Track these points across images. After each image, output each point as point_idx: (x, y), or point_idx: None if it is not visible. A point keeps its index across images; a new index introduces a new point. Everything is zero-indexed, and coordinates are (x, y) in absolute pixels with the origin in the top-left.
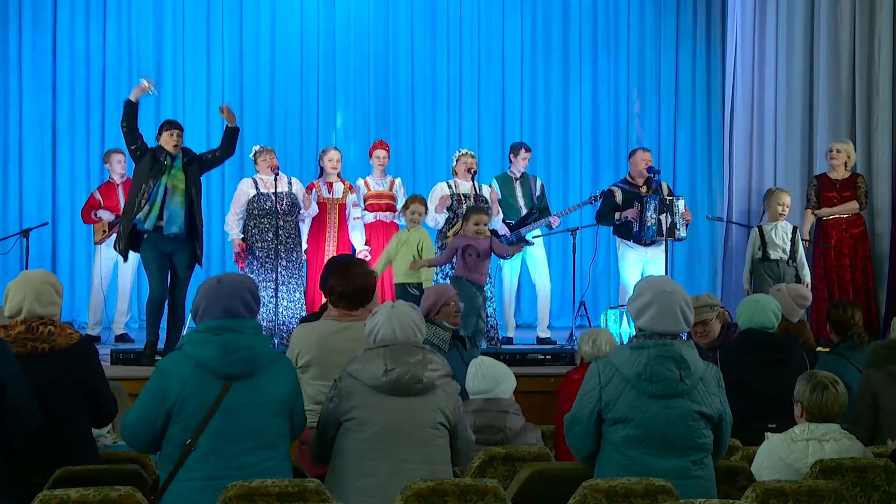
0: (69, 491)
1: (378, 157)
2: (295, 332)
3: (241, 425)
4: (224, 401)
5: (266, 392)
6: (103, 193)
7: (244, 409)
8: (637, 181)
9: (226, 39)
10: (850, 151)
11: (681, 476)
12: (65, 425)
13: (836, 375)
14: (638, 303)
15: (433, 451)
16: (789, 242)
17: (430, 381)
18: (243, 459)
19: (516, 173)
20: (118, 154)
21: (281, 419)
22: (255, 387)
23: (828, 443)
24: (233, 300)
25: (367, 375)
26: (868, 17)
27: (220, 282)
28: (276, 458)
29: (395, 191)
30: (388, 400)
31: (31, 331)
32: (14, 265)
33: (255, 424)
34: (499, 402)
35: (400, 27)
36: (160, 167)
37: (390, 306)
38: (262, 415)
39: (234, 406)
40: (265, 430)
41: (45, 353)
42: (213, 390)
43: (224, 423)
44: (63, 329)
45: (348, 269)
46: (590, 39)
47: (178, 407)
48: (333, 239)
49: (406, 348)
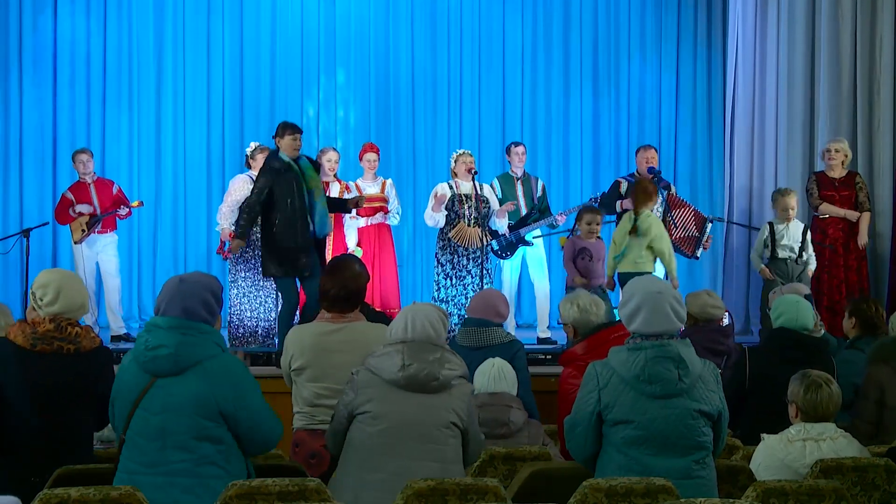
0: (69, 490)
1: (368, 160)
2: (288, 334)
3: (155, 423)
4: (144, 397)
5: (185, 393)
6: (75, 193)
7: (159, 407)
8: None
9: (226, 38)
10: (846, 150)
11: (683, 476)
12: (72, 427)
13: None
14: (628, 308)
15: (444, 449)
16: (799, 242)
17: (446, 379)
18: (155, 457)
19: (517, 173)
20: (84, 154)
21: (202, 421)
22: (175, 386)
23: (824, 442)
24: (192, 300)
25: (384, 370)
26: (869, 16)
27: (182, 281)
28: (189, 461)
29: (387, 192)
30: (402, 395)
31: (60, 330)
32: (14, 265)
33: (167, 424)
34: (503, 396)
35: (400, 27)
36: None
37: (413, 305)
38: (175, 415)
39: (150, 403)
40: (178, 431)
41: (69, 353)
42: (139, 385)
43: (142, 419)
44: (87, 332)
45: (340, 272)
46: (590, 39)
47: (115, 399)
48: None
49: (425, 346)
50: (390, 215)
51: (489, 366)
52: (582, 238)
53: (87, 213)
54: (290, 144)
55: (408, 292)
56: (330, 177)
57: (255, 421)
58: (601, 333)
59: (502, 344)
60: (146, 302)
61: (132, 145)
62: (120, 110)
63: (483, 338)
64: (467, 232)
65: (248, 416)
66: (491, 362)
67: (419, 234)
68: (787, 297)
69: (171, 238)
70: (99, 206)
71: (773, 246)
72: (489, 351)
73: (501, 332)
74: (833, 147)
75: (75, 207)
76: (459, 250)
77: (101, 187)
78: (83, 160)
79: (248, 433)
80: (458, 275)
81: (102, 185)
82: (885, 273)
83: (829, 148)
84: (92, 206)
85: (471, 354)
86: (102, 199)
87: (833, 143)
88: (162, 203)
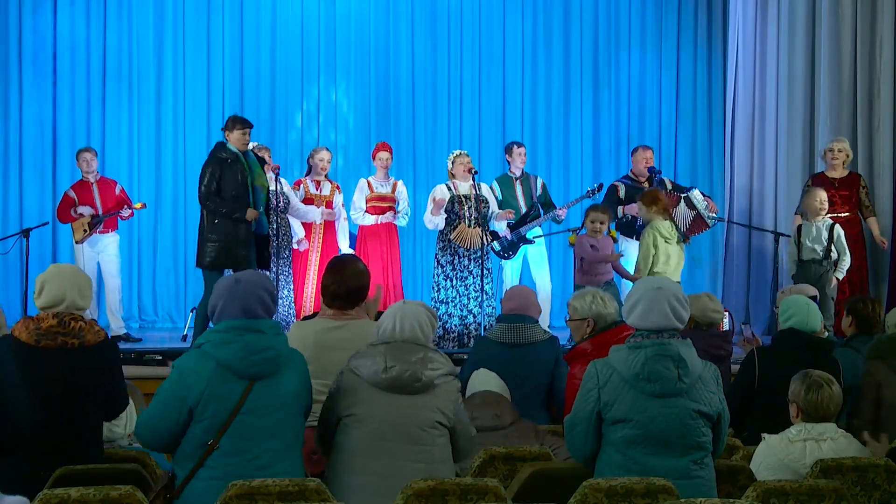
0: (70, 490)
1: (381, 158)
2: (290, 330)
3: (262, 425)
4: (247, 401)
5: (286, 391)
6: (77, 192)
7: (266, 409)
8: (639, 178)
9: (226, 38)
10: (847, 149)
11: (682, 476)
12: (80, 420)
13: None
14: (629, 302)
15: (431, 450)
16: (825, 242)
17: (429, 379)
18: (264, 459)
19: (516, 173)
20: (88, 153)
21: (298, 418)
22: (275, 386)
23: (825, 442)
24: (251, 299)
25: (367, 371)
26: (869, 16)
27: (238, 281)
28: (294, 457)
29: (398, 194)
30: (386, 397)
31: (63, 325)
32: (14, 265)
33: (276, 424)
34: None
35: (401, 27)
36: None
37: (401, 304)
38: (282, 414)
39: (256, 406)
40: (284, 430)
41: (74, 348)
42: (235, 390)
43: (246, 422)
44: (91, 326)
45: (341, 270)
46: (591, 39)
47: (202, 407)
48: (318, 237)
49: (407, 346)
50: (399, 216)
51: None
52: (588, 235)
53: (87, 216)
54: (240, 139)
55: (408, 293)
56: (321, 176)
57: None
58: (608, 333)
59: (543, 341)
60: (146, 302)
61: (132, 145)
62: (120, 110)
63: (524, 335)
64: (468, 233)
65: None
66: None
67: (419, 235)
68: (797, 298)
69: (171, 238)
70: (101, 206)
71: (798, 249)
72: (531, 348)
73: (540, 328)
74: (835, 147)
75: (77, 208)
76: (460, 251)
77: (104, 187)
78: (87, 159)
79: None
80: (460, 275)
81: (105, 185)
82: (885, 273)
83: (831, 148)
84: (94, 207)
85: (509, 352)
86: (105, 198)
87: (834, 142)
88: (162, 203)
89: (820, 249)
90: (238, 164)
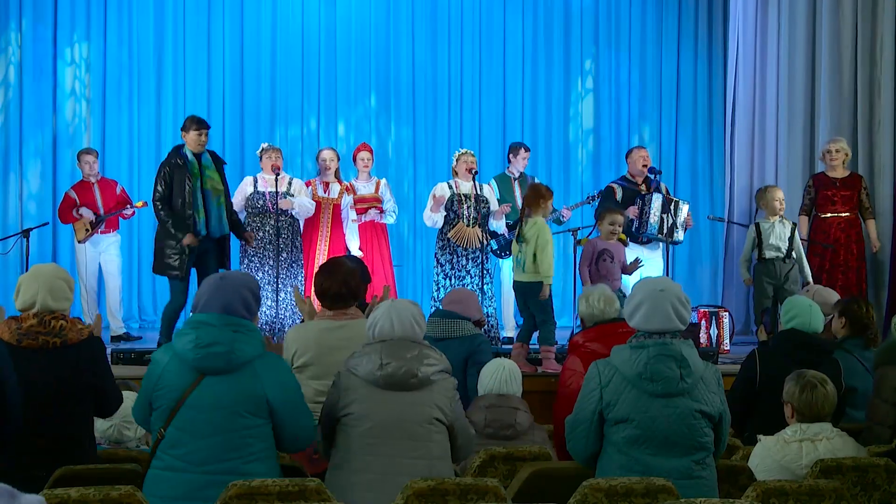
0: (69, 490)
1: (362, 159)
2: (289, 332)
3: (203, 420)
4: (192, 394)
5: (239, 391)
6: (78, 192)
7: (210, 405)
8: (636, 179)
9: (227, 38)
10: (846, 149)
11: (684, 476)
12: (70, 419)
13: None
14: (631, 304)
15: (430, 446)
16: (787, 241)
17: (425, 376)
18: (200, 455)
19: (515, 173)
20: (89, 155)
21: (254, 420)
22: (226, 384)
23: (821, 442)
24: (233, 297)
25: (363, 370)
26: (870, 17)
27: (222, 278)
28: (238, 459)
29: (381, 192)
30: (383, 395)
31: (44, 324)
32: (14, 265)
33: (220, 421)
34: (510, 398)
35: (401, 27)
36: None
37: (392, 302)
38: (228, 412)
39: (200, 401)
40: (229, 429)
41: (56, 347)
42: (185, 382)
43: (189, 416)
44: (74, 324)
45: (335, 269)
46: (591, 39)
47: (157, 394)
48: (326, 238)
49: (403, 343)
50: (386, 214)
51: (499, 368)
52: (602, 239)
53: (87, 218)
54: (195, 139)
55: (408, 292)
56: (329, 177)
57: (297, 419)
58: (608, 325)
59: (464, 337)
60: (146, 302)
61: (132, 145)
62: (120, 110)
63: (447, 329)
64: (466, 232)
65: (292, 414)
66: (501, 364)
67: (419, 234)
68: (800, 298)
69: None
70: (103, 206)
71: (759, 247)
72: (451, 342)
73: (467, 325)
74: (832, 147)
75: (78, 209)
76: (459, 250)
77: (104, 187)
78: (89, 161)
79: (291, 430)
80: (458, 275)
81: (106, 185)
82: (884, 274)
83: (829, 149)
84: (95, 207)
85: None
86: (106, 199)
87: (832, 143)
88: None
89: (783, 248)
90: (186, 169)
